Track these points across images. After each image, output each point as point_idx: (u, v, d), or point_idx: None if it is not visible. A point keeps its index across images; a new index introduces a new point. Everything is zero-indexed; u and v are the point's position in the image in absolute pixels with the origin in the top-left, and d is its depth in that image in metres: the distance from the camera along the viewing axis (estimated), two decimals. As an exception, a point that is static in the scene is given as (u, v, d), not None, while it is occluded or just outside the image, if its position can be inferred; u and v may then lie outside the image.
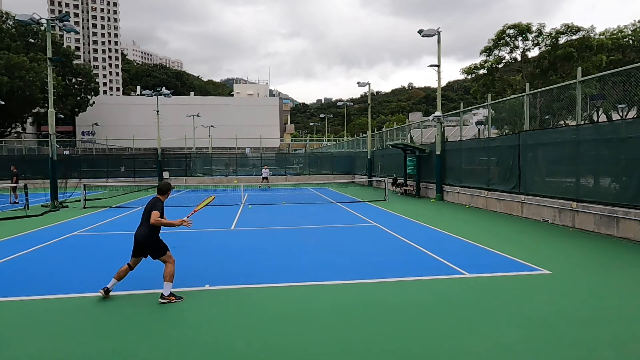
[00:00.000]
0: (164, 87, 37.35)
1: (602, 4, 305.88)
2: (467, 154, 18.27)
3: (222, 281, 6.82)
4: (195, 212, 6.37)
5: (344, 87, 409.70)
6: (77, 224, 13.47)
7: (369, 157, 32.61)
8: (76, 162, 35.91)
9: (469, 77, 40.03)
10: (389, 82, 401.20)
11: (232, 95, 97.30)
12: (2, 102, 37.90)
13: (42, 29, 41.37)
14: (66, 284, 6.75)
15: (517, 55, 36.48)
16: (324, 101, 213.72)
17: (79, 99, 61.04)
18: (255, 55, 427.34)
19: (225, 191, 26.90)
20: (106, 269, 7.24)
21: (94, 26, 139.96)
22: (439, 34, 19.42)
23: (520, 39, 35.28)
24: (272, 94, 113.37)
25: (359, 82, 32.46)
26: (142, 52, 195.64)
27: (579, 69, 12.51)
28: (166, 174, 34.57)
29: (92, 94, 63.91)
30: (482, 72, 37.52)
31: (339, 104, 50.59)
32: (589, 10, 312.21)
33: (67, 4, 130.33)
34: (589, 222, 10.98)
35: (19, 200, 19.55)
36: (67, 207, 18.25)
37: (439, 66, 20.13)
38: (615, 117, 14.79)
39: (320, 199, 21.74)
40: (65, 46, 66.17)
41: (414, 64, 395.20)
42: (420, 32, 19.44)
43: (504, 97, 23.52)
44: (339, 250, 9.24)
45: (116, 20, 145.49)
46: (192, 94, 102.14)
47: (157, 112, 34.58)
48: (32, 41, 54.76)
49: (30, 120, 59.23)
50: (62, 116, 54.95)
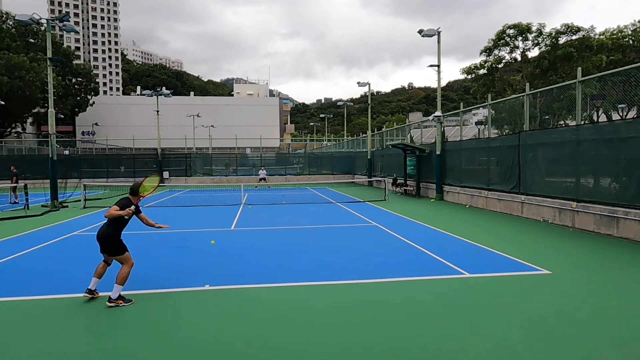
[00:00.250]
0: (164, 87, 37.37)
1: (602, 4, 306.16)
2: (467, 154, 18.27)
3: (222, 281, 6.82)
4: (143, 197, 6.09)
5: (344, 87, 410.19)
6: (77, 224, 13.47)
7: (369, 157, 32.60)
8: (76, 162, 35.92)
9: (469, 77, 40.01)
10: (389, 82, 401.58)
11: (232, 95, 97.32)
12: (2, 102, 37.91)
13: (42, 29, 41.34)
14: (66, 284, 6.75)
15: (517, 55, 36.48)
16: (324, 101, 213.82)
17: (79, 99, 61.05)
18: (255, 55, 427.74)
19: (225, 191, 26.91)
20: (111, 270, 7.23)
21: (94, 26, 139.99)
22: (439, 34, 19.43)
23: (520, 39, 35.27)
24: (272, 94, 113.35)
25: (359, 82, 32.46)
26: (142, 52, 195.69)
27: (579, 69, 12.51)
28: (166, 174, 34.58)
29: (92, 94, 63.92)
30: (482, 72, 37.50)
31: (339, 104, 50.56)
32: (589, 10, 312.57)
33: (67, 4, 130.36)
34: (589, 222, 10.98)
35: (19, 200, 19.56)
36: (67, 207, 18.26)
37: (439, 66, 20.14)
38: (615, 117, 14.79)
39: (320, 199, 21.74)
40: (65, 46, 66.17)
41: (414, 64, 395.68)
42: (420, 32, 19.46)
43: (504, 97, 23.52)
44: (339, 250, 9.24)
45: (116, 20, 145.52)
46: (192, 94, 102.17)
47: (157, 112, 34.59)
48: (32, 41, 54.76)
49: (30, 120, 59.24)
50: (62, 116, 54.96)
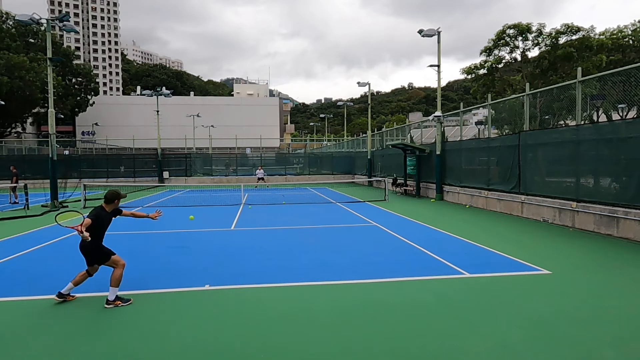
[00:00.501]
0: (164, 87, 37.35)
1: (602, 4, 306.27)
2: (467, 154, 18.27)
3: (222, 281, 6.82)
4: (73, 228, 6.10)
5: (344, 87, 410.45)
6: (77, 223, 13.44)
7: (369, 157, 32.60)
8: (76, 162, 35.91)
9: (469, 77, 40.00)
10: (389, 82, 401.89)
11: (232, 95, 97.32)
12: (2, 102, 37.91)
13: (42, 29, 41.35)
14: (66, 284, 6.72)
15: (517, 55, 36.47)
16: (324, 101, 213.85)
17: (79, 99, 61.07)
18: (255, 55, 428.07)
19: (225, 191, 26.91)
20: (106, 269, 7.22)
21: (94, 26, 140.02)
22: (439, 34, 19.43)
23: (520, 39, 35.26)
24: (272, 94, 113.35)
25: (359, 82, 32.45)
26: (142, 52, 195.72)
27: (579, 69, 12.50)
28: (166, 174, 34.59)
29: (92, 94, 63.94)
30: (482, 72, 37.49)
31: (339, 104, 50.55)
32: (589, 10, 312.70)
33: (67, 4, 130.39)
34: (589, 222, 10.98)
35: (19, 200, 19.56)
36: (67, 207, 18.24)
37: (439, 66, 20.14)
38: (615, 117, 14.79)
39: (320, 199, 21.74)
40: (65, 46, 66.18)
41: (414, 64, 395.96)
42: (420, 32, 19.45)
43: (504, 97, 23.52)
44: (339, 250, 9.24)
45: (116, 20, 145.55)
46: (192, 94, 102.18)
47: (157, 112, 34.58)
48: (32, 41, 54.77)
49: (30, 120, 59.26)
50: (62, 116, 54.96)
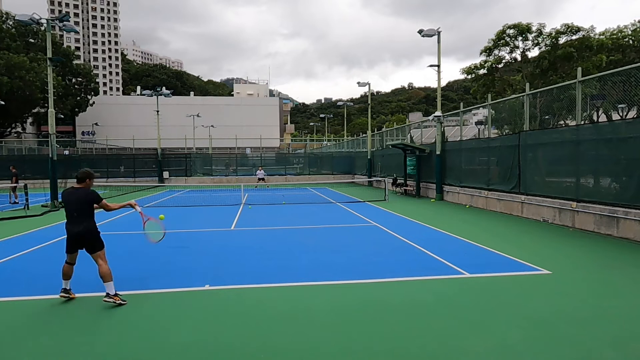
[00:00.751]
0: (164, 87, 37.36)
1: (602, 4, 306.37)
2: (467, 154, 18.27)
3: (222, 281, 6.82)
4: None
5: (344, 87, 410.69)
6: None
7: (369, 157, 32.60)
8: (76, 162, 35.89)
9: (469, 77, 39.99)
10: (389, 82, 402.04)
11: (232, 95, 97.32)
12: (2, 102, 37.93)
13: (42, 29, 41.25)
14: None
15: (517, 55, 36.46)
16: (324, 101, 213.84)
17: (79, 99, 61.07)
18: (255, 55, 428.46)
19: (225, 191, 26.91)
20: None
21: (94, 26, 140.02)
22: (439, 34, 19.43)
23: (520, 39, 35.25)
24: (272, 94, 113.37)
25: (359, 82, 32.44)
26: (142, 52, 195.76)
27: (579, 69, 12.49)
28: (166, 174, 34.59)
29: (92, 94, 63.95)
30: (482, 72, 37.48)
31: (339, 104, 50.53)
32: (589, 10, 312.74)
33: (67, 4, 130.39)
34: (589, 222, 10.98)
35: (19, 200, 19.56)
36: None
37: (439, 66, 20.14)
38: (615, 117, 14.80)
39: (320, 199, 21.74)
40: (65, 46, 66.21)
41: (414, 64, 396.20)
42: (420, 32, 19.46)
43: (504, 97, 23.52)
44: (339, 250, 9.23)
45: (116, 20, 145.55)
46: (192, 94, 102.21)
47: (157, 112, 34.59)
48: (32, 41, 54.78)
49: (30, 120, 59.30)
50: (62, 116, 54.97)
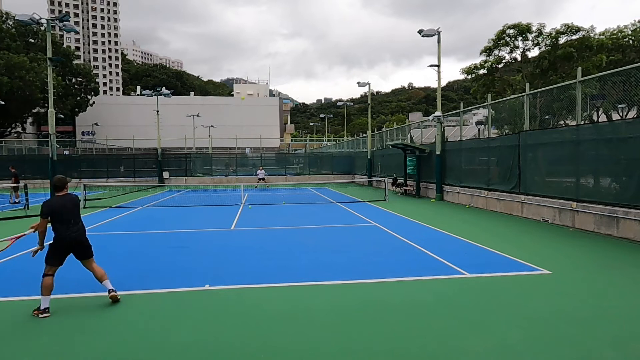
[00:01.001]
0: (164, 87, 37.36)
1: (602, 4, 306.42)
2: (467, 154, 18.27)
3: (222, 281, 6.82)
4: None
5: (344, 87, 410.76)
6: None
7: (369, 157, 32.60)
8: (76, 162, 35.92)
9: (469, 77, 39.98)
10: (389, 82, 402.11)
11: (232, 95, 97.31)
12: (2, 102, 37.94)
13: (42, 29, 41.29)
14: (66, 283, 6.74)
15: (517, 55, 36.46)
16: (324, 101, 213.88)
17: (79, 99, 61.09)
18: (255, 55, 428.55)
19: (225, 191, 26.91)
20: (106, 269, 7.24)
21: (94, 26, 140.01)
22: (439, 34, 19.43)
23: (520, 39, 35.24)
24: (272, 94, 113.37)
25: (359, 82, 32.43)
26: (142, 52, 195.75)
27: (579, 69, 12.50)
28: (166, 174, 34.59)
29: (92, 94, 63.98)
30: (482, 72, 37.48)
31: (339, 104, 50.51)
32: (589, 10, 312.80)
33: (67, 4, 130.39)
34: (589, 222, 10.98)
35: (20, 200, 19.56)
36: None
37: (439, 66, 20.14)
38: (615, 117, 14.79)
39: (320, 199, 21.74)
40: (65, 46, 66.24)
41: (414, 64, 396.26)
42: (420, 32, 19.46)
43: (504, 97, 23.51)
44: (339, 250, 9.24)
45: (116, 20, 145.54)
46: (192, 94, 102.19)
47: (157, 112, 34.59)
48: (32, 41, 54.80)
49: (30, 120, 59.31)
50: (62, 116, 55.00)
